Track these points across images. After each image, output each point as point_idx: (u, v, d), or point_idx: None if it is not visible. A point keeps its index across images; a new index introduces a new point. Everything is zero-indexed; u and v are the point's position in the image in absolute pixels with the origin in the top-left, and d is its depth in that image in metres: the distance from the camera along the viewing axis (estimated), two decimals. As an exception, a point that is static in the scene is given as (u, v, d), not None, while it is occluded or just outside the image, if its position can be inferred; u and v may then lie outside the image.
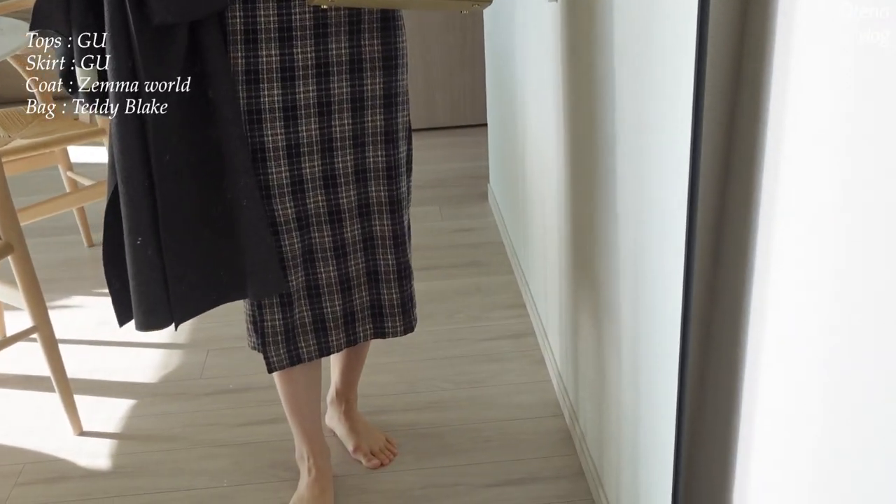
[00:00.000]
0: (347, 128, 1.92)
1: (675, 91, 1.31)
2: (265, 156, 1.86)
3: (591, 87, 1.84)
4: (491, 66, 3.46)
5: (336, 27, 1.86)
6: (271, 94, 1.84)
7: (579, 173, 2.03)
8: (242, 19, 1.82)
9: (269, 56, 1.84)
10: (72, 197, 3.01)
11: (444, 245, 3.37)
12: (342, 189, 1.94)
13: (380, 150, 1.95)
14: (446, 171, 4.05)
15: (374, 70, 1.90)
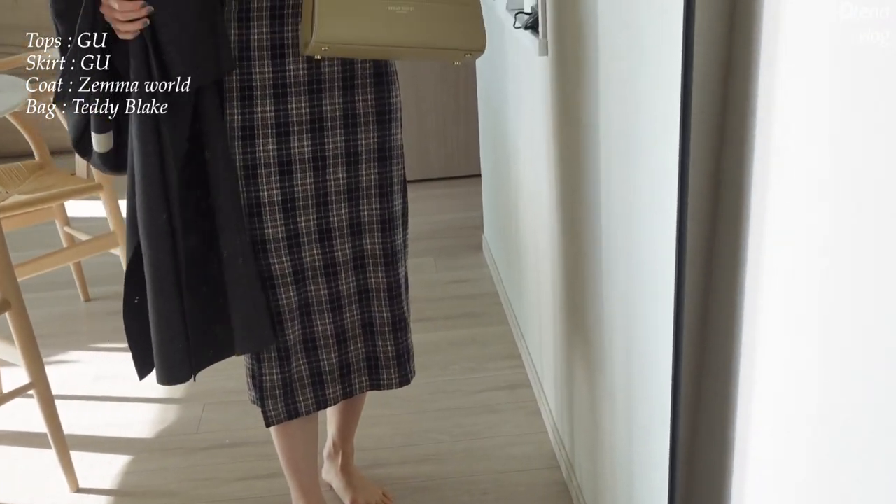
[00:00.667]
0: (342, 181, 1.94)
1: (662, 149, 1.34)
2: (261, 210, 1.88)
3: (580, 141, 1.87)
4: (484, 118, 3.50)
5: (330, 83, 1.88)
6: (267, 149, 1.87)
7: (571, 226, 2.05)
8: (238, 76, 1.85)
9: (264, 112, 1.86)
10: (69, 252, 3.03)
11: (439, 296, 3.38)
12: (337, 242, 1.96)
13: (374, 203, 1.97)
14: (441, 222, 4.07)
15: (369, 124, 1.93)
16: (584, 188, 1.88)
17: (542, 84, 2.19)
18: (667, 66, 1.28)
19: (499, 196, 3.25)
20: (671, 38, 1.23)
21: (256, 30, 1.84)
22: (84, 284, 3.48)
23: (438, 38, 1.76)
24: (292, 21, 1.84)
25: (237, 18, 1.85)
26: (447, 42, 1.76)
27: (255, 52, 1.84)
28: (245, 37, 1.84)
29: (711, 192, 1.29)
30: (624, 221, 1.63)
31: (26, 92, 2.64)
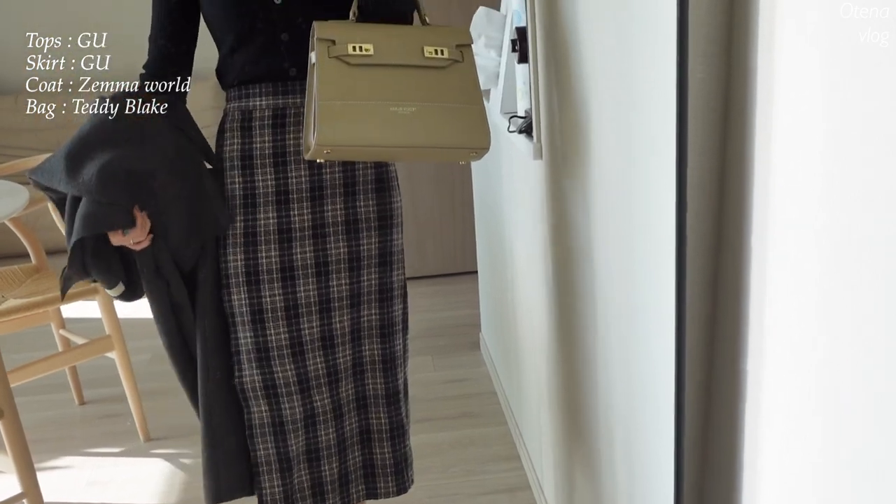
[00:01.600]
0: (345, 287, 1.94)
1: (658, 249, 1.34)
2: (263, 317, 1.89)
3: (576, 242, 1.88)
4: (480, 216, 3.52)
5: (332, 188, 1.90)
6: (269, 255, 1.88)
7: (567, 326, 2.04)
8: (241, 184, 1.87)
9: (266, 219, 1.88)
10: (64, 357, 3.01)
11: (437, 396, 3.35)
12: (339, 349, 1.96)
13: (374, 308, 1.97)
14: (438, 319, 4.06)
15: (370, 230, 1.94)
16: (580, 288, 1.88)
17: (537, 186, 2.20)
18: (659, 168, 1.28)
19: (495, 295, 3.25)
20: (664, 142, 1.24)
21: (258, 138, 1.87)
22: (79, 387, 3.45)
23: (442, 138, 1.76)
24: (294, 129, 1.87)
25: (240, 128, 1.88)
26: (451, 141, 1.76)
27: (258, 161, 1.87)
28: (247, 145, 1.88)
29: (709, 291, 1.28)
30: (621, 321, 1.62)
31: (26, 197, 2.66)
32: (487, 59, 2.59)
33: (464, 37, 1.85)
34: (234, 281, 1.92)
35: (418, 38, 1.79)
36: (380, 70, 1.74)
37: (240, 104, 1.92)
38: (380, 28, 1.80)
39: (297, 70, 1.88)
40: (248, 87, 1.91)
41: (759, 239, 1.11)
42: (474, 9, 2.66)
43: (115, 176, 1.77)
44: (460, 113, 1.77)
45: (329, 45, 1.73)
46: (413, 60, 1.76)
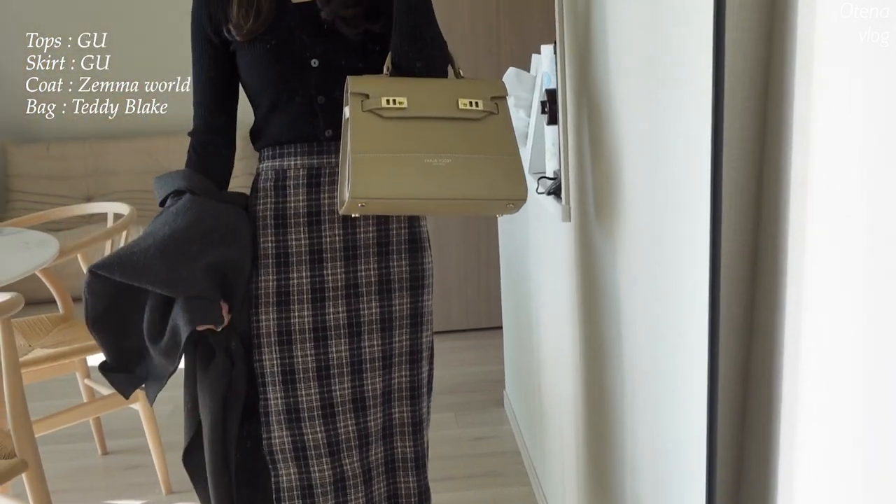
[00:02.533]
0: (377, 348, 1.94)
1: (689, 314, 1.33)
2: (295, 378, 1.89)
3: (604, 307, 1.87)
4: (506, 273, 3.52)
5: (365, 248, 1.91)
6: (302, 315, 1.89)
7: (594, 388, 2.02)
8: (274, 243, 1.87)
9: (300, 278, 1.89)
10: (89, 407, 3.01)
11: (460, 454, 3.32)
12: (370, 411, 1.94)
13: (405, 370, 1.97)
14: (462, 375, 4.04)
15: (402, 290, 1.95)
16: (608, 350, 1.87)
17: (565, 248, 2.20)
18: (692, 237, 1.28)
19: (520, 353, 3.24)
20: (697, 212, 1.24)
21: (292, 197, 1.88)
22: (102, 437, 3.44)
23: (479, 189, 1.75)
24: (328, 189, 1.88)
25: (273, 188, 1.90)
26: (488, 192, 1.75)
27: (291, 220, 1.88)
28: (281, 204, 1.89)
29: (741, 375, 1.27)
30: (648, 385, 1.60)
31: (56, 248, 2.68)
32: (517, 120, 2.60)
33: (499, 89, 1.86)
34: (265, 341, 1.91)
35: (453, 91, 1.81)
36: (414, 122, 1.74)
37: (273, 164, 1.94)
38: (413, 82, 1.81)
39: (333, 131, 1.89)
40: (282, 148, 1.93)
41: (793, 319, 1.10)
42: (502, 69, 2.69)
43: (218, 275, 1.83)
44: (496, 164, 1.76)
45: (363, 98, 1.74)
46: (447, 112, 1.77)
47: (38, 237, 2.84)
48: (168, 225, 1.82)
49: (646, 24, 1.47)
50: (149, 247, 1.78)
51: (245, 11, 1.86)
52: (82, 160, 5.68)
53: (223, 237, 1.84)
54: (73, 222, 5.11)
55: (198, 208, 1.84)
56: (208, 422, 1.94)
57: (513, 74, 2.60)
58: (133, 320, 1.87)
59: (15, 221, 3.30)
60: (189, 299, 1.79)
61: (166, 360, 1.85)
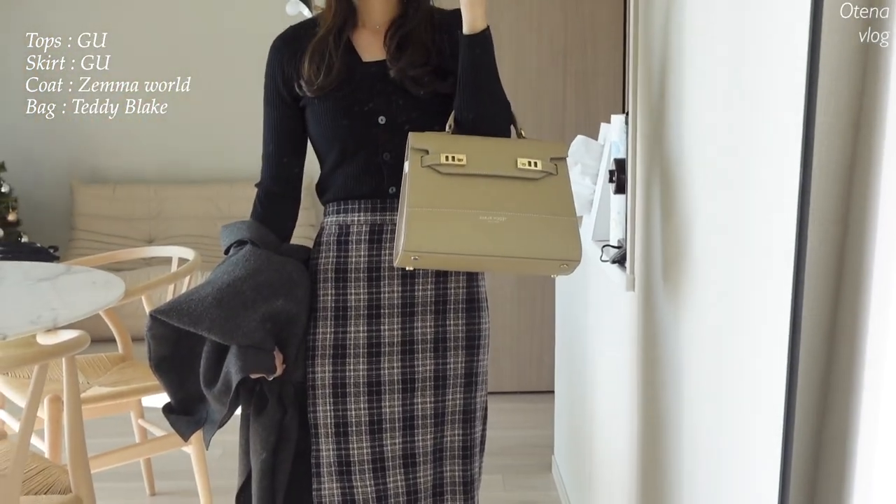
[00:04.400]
0: (430, 405, 1.95)
1: (762, 397, 1.32)
2: (347, 430, 1.90)
3: (666, 379, 1.86)
4: (561, 337, 3.50)
5: (423, 306, 1.92)
6: (357, 369, 1.90)
7: (650, 460, 2.01)
8: (333, 297, 1.90)
9: (357, 332, 1.90)
10: (141, 448, 3.04)
11: (506, 518, 3.29)
12: (420, 468, 1.95)
13: (458, 429, 1.97)
14: (511, 438, 4.01)
15: (458, 349, 1.95)
16: (668, 423, 1.85)
17: (628, 318, 2.20)
18: (767, 318, 1.27)
19: (572, 419, 3.21)
20: (776, 291, 1.24)
21: (354, 253, 1.91)
22: (151, 478, 3.46)
23: (532, 248, 1.75)
24: (389, 244, 1.90)
25: (336, 242, 1.93)
26: (542, 252, 1.75)
27: (352, 274, 1.91)
28: (343, 258, 1.92)
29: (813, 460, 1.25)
30: (710, 464, 1.59)
31: (122, 289, 2.72)
32: (582, 187, 2.62)
33: (559, 150, 1.87)
34: (320, 392, 1.93)
35: (512, 150, 1.82)
36: (471, 179, 1.76)
37: (337, 219, 1.97)
38: (474, 139, 1.83)
39: (397, 188, 1.92)
40: (346, 203, 1.96)
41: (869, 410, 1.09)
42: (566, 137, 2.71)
43: (274, 326, 1.85)
44: (552, 224, 1.76)
45: (423, 154, 1.77)
46: (505, 171, 1.78)
47: (105, 277, 2.90)
48: (228, 274, 1.86)
49: (727, 98, 1.48)
50: (207, 295, 1.82)
51: (317, 67, 1.90)
52: (146, 203, 5.79)
53: (280, 289, 1.86)
54: (135, 264, 5.19)
55: (257, 260, 1.87)
56: (258, 467, 1.95)
57: (581, 142, 2.61)
58: (194, 365, 1.90)
59: (83, 261, 3.37)
60: (243, 347, 1.81)
61: (220, 405, 1.87)
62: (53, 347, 2.16)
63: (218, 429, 1.94)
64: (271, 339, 1.86)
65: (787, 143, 1.17)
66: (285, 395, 1.95)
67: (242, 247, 1.92)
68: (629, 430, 2.21)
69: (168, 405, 1.98)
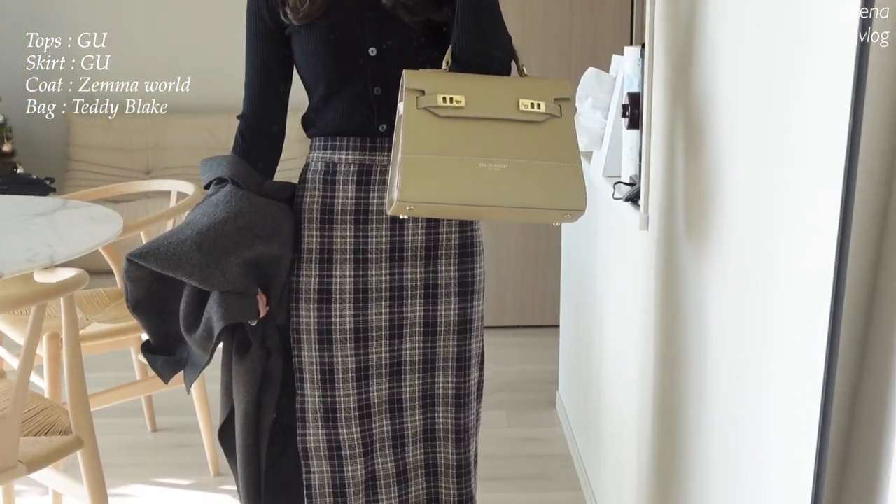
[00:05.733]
0: (419, 351, 1.90)
1: (790, 348, 1.27)
2: (334, 377, 1.85)
3: (685, 321, 1.80)
4: (568, 273, 3.45)
5: (413, 251, 1.85)
6: (343, 314, 1.84)
7: (665, 401, 1.96)
8: (318, 238, 1.84)
9: (343, 277, 1.84)
10: (142, 385, 3.00)
11: (510, 454, 3.27)
12: (408, 414, 1.92)
13: (451, 376, 1.92)
14: (514, 373, 3.99)
15: (450, 296, 1.89)
16: (685, 366, 1.81)
17: (642, 257, 2.14)
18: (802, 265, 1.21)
19: (579, 355, 3.17)
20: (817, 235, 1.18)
21: (341, 193, 1.84)
22: (152, 414, 3.44)
23: (534, 198, 1.67)
24: (378, 187, 1.83)
25: (322, 181, 1.85)
26: (544, 201, 1.67)
27: (338, 216, 1.84)
28: (329, 199, 1.84)
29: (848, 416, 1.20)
30: (731, 411, 1.54)
31: (120, 224, 2.66)
32: (593, 121, 2.54)
33: (563, 90, 1.75)
34: (305, 338, 1.87)
35: (514, 90, 1.71)
36: (471, 123, 1.66)
37: (324, 155, 1.88)
38: (473, 79, 1.72)
39: (388, 126, 1.83)
40: (334, 140, 1.87)
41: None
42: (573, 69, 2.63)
43: (257, 269, 1.79)
44: (555, 171, 1.67)
45: (418, 95, 1.66)
46: (507, 114, 1.68)
47: (103, 212, 2.83)
48: (207, 216, 1.77)
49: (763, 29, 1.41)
50: (186, 238, 1.73)
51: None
52: (143, 134, 5.69)
53: (263, 232, 1.79)
54: (133, 196, 5.12)
55: (238, 201, 1.78)
56: (241, 410, 1.90)
57: (592, 75, 2.53)
58: (172, 306, 1.84)
59: (79, 195, 3.30)
60: (224, 293, 1.75)
61: (201, 350, 1.82)
62: (51, 287, 2.10)
63: (200, 372, 1.89)
64: (254, 284, 1.79)
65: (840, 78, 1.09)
66: (269, 338, 1.89)
67: (223, 185, 1.83)
68: (641, 369, 2.17)
69: (147, 344, 1.92)
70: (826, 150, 1.12)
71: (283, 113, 1.95)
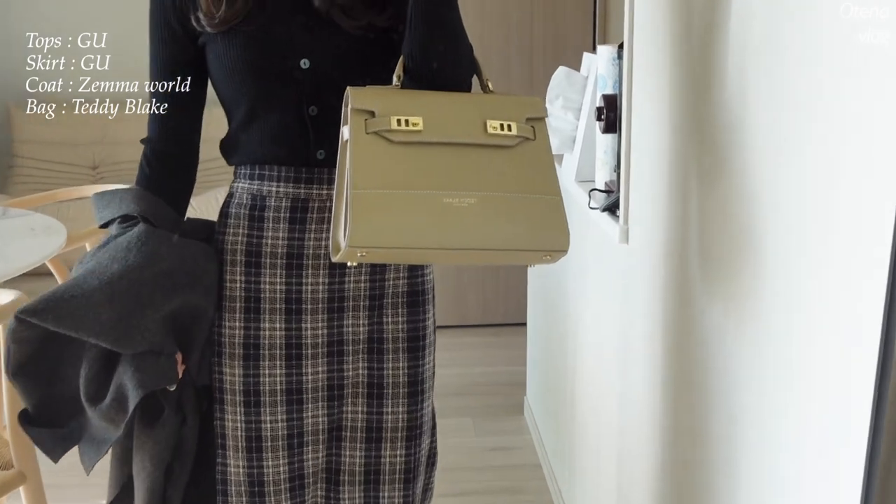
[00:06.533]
0: (361, 416, 1.67)
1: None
2: (262, 445, 1.62)
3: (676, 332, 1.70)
4: (535, 269, 3.32)
5: (354, 300, 1.63)
6: (273, 373, 1.61)
7: (661, 420, 1.86)
8: (243, 285, 1.61)
9: (272, 330, 1.61)
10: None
11: (478, 466, 3.15)
12: (345, 489, 1.69)
13: (399, 448, 1.68)
14: (479, 375, 3.88)
15: (398, 352, 1.66)
16: (669, 384, 1.70)
17: (619, 271, 2.03)
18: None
19: (549, 358, 3.06)
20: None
21: (270, 233, 1.59)
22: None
23: (510, 238, 1.40)
24: (315, 226, 1.59)
25: (248, 216, 1.61)
26: (521, 242, 1.41)
27: (267, 259, 1.60)
28: (256, 238, 1.60)
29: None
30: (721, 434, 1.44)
31: (64, 236, 2.51)
32: (565, 122, 2.42)
33: (536, 108, 1.50)
34: (228, 399, 1.62)
35: (479, 110, 1.45)
36: (431, 150, 1.40)
37: (251, 186, 1.61)
38: (431, 96, 1.46)
39: (327, 153, 1.56)
40: (262, 168, 1.60)
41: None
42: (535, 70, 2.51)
43: (176, 324, 1.53)
44: (532, 206, 1.42)
45: (367, 117, 1.39)
46: (473, 138, 1.42)
47: (45, 222, 2.68)
48: (117, 262, 1.48)
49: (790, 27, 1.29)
50: (92, 290, 1.44)
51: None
52: (90, 128, 5.49)
53: (184, 281, 1.53)
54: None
55: (155, 243, 1.51)
56: (145, 487, 1.60)
57: (563, 74, 2.41)
58: (66, 371, 1.54)
59: (20, 202, 3.14)
60: (140, 355, 1.47)
61: (111, 425, 1.51)
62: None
63: (107, 449, 1.58)
64: (173, 341, 1.53)
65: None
66: (185, 400, 1.62)
67: (128, 224, 1.55)
68: (626, 382, 2.06)
69: (26, 413, 1.56)
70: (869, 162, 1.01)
71: (196, 136, 1.69)
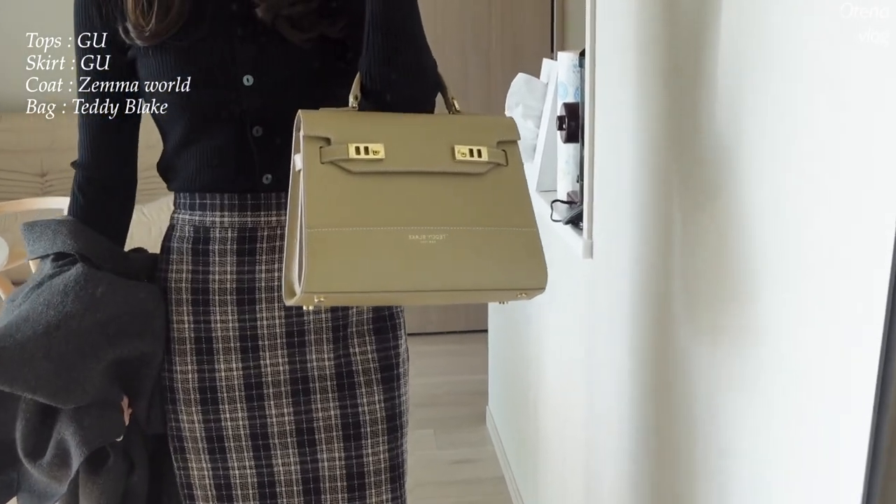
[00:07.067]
0: (339, 463, 1.52)
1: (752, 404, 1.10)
2: (232, 493, 1.50)
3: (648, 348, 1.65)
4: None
5: (316, 333, 1.48)
6: (234, 416, 1.49)
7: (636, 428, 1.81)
8: (193, 325, 1.47)
9: (228, 371, 1.47)
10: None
11: (440, 480, 3.08)
12: None
13: (385, 492, 1.55)
14: (440, 385, 3.81)
15: (371, 384, 1.51)
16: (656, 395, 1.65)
17: (583, 286, 1.97)
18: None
19: (511, 367, 3.00)
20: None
21: (218, 267, 1.45)
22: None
23: (483, 277, 1.28)
24: (266, 256, 1.46)
25: (191, 251, 1.47)
26: (495, 281, 1.29)
27: (216, 296, 1.46)
28: (202, 274, 1.47)
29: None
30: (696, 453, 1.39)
31: (5, 252, 2.41)
32: (525, 131, 2.36)
33: (508, 130, 1.37)
34: (190, 447, 1.49)
35: (446, 134, 1.32)
36: (394, 180, 1.27)
37: (192, 217, 1.47)
38: (392, 120, 1.32)
39: (274, 176, 1.44)
40: (203, 197, 1.46)
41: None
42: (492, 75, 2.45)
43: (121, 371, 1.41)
44: (507, 240, 1.30)
45: (322, 144, 1.25)
46: (440, 166, 1.29)
47: (-13, 240, 2.57)
48: (53, 308, 1.33)
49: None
50: (25, 340, 1.29)
51: (146, 5, 1.38)
52: (36, 134, 5.34)
53: (131, 327, 1.39)
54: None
55: (93, 286, 1.36)
56: None
57: (522, 81, 2.35)
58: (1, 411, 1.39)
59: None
60: (82, 408, 1.35)
61: (53, 481, 1.38)
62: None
63: None
64: (119, 390, 1.42)
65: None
66: (132, 448, 1.49)
67: (64, 261, 1.41)
68: (593, 393, 2.00)
69: None
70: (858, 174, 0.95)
71: (132, 156, 1.55)
